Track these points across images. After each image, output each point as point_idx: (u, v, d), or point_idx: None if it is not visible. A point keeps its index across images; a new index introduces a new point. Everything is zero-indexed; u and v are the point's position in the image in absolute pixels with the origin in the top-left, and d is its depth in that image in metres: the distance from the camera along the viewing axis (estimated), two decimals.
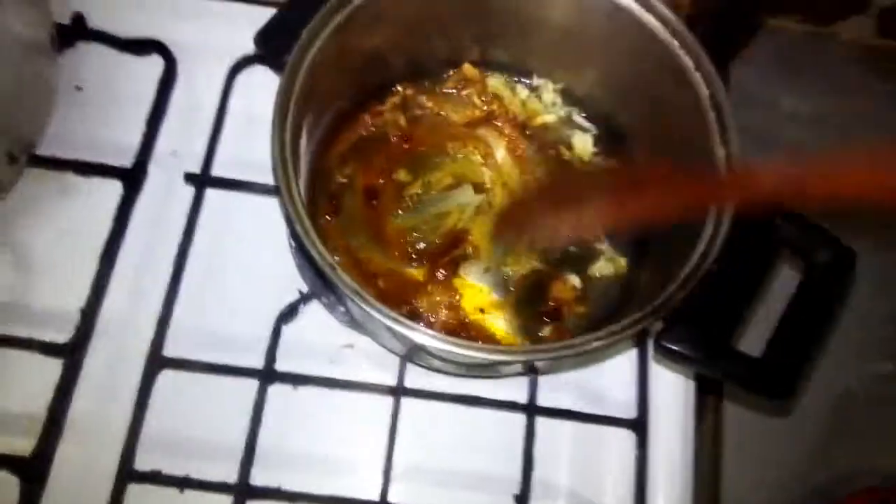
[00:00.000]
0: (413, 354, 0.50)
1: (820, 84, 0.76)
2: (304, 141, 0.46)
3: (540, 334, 0.51)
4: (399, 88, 0.56)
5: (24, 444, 0.48)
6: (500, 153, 0.56)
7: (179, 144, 0.58)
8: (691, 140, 0.44)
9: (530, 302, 0.52)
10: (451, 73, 0.57)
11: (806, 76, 0.77)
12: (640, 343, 0.53)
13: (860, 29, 0.78)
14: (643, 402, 0.52)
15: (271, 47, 0.46)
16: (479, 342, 0.48)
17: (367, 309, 0.38)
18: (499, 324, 0.51)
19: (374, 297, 0.39)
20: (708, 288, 0.41)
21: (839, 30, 0.79)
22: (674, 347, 0.41)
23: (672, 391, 0.53)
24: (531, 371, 0.51)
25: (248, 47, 0.54)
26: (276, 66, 0.45)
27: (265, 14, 0.49)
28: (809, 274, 0.44)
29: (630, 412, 0.52)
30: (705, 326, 0.42)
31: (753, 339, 0.44)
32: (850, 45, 0.78)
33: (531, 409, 0.51)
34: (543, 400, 0.51)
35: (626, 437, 0.51)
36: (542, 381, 0.52)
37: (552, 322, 0.51)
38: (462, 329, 0.50)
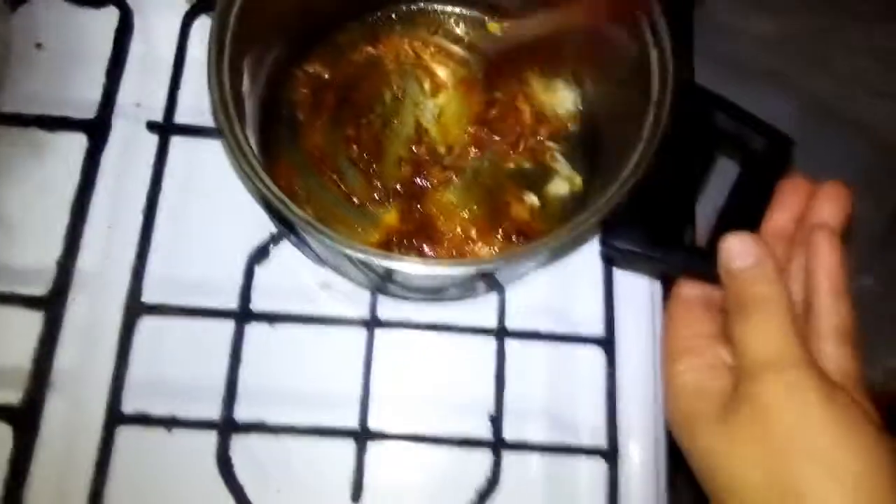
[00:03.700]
0: (380, 285, 0.51)
1: (787, 2, 0.75)
2: (246, 84, 0.46)
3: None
4: (340, 30, 0.56)
5: (13, 396, 0.50)
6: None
7: (141, 95, 0.58)
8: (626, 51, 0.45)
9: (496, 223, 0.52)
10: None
11: None
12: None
13: None
14: (610, 320, 0.53)
15: None
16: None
17: (321, 238, 0.39)
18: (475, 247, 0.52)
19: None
20: (650, 185, 0.42)
21: None
22: (618, 244, 0.42)
23: (637, 308, 0.54)
24: (490, 283, 0.52)
25: None
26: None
27: None
28: (746, 162, 0.45)
29: (598, 330, 0.53)
30: (648, 222, 0.43)
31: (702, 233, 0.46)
32: None
33: (501, 333, 0.52)
34: (512, 323, 0.53)
35: (596, 355, 0.53)
36: (511, 305, 0.53)
37: (522, 241, 0.52)
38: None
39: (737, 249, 0.41)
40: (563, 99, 0.56)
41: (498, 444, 0.50)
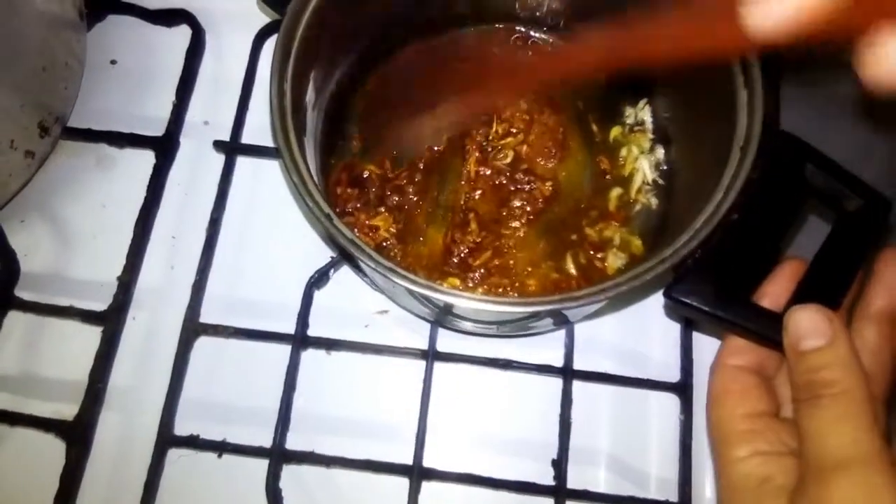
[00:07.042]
0: (439, 317, 0.49)
1: None
2: (311, 95, 0.45)
3: None
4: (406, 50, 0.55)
5: (67, 410, 0.49)
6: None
7: (210, 114, 0.58)
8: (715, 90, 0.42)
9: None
10: None
11: None
12: None
13: None
14: (687, 364, 0.49)
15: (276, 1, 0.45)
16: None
17: (366, 260, 0.37)
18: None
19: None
20: (728, 239, 0.38)
21: None
22: (683, 299, 0.39)
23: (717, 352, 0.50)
24: (557, 320, 0.49)
25: (274, 14, 0.53)
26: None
27: None
28: (838, 223, 0.41)
29: (673, 375, 0.50)
30: (721, 277, 0.39)
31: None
32: None
33: (567, 373, 0.49)
34: (581, 363, 0.50)
35: (670, 402, 0.49)
36: (579, 344, 0.50)
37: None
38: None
39: (805, 326, 0.36)
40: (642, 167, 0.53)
41: (560, 492, 0.47)
